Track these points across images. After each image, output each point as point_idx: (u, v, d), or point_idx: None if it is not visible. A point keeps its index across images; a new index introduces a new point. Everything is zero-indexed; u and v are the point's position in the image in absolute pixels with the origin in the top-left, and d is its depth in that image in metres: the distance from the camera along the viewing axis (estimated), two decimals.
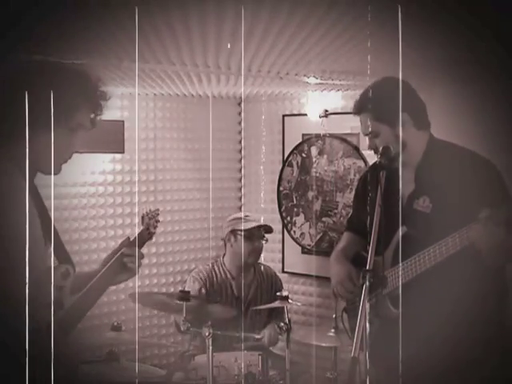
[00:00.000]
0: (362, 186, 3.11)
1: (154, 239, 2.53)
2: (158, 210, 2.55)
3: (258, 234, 4.25)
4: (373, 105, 2.75)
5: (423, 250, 2.60)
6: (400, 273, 2.69)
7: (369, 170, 3.21)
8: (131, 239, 2.48)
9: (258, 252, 4.28)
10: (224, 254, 4.35)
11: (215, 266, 4.32)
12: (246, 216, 4.31)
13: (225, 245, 4.33)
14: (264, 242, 4.28)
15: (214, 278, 4.26)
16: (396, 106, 2.72)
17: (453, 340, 2.57)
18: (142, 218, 2.51)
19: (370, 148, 2.81)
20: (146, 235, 2.50)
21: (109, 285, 2.41)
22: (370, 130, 2.78)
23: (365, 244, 2.74)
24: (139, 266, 2.43)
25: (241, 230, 4.20)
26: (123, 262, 2.40)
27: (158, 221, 2.53)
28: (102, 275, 2.37)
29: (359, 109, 2.82)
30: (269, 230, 4.32)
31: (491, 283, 2.61)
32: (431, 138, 2.79)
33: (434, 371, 2.62)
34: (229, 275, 4.28)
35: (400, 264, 2.70)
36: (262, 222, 4.35)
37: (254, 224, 4.24)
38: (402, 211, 2.76)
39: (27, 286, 1.96)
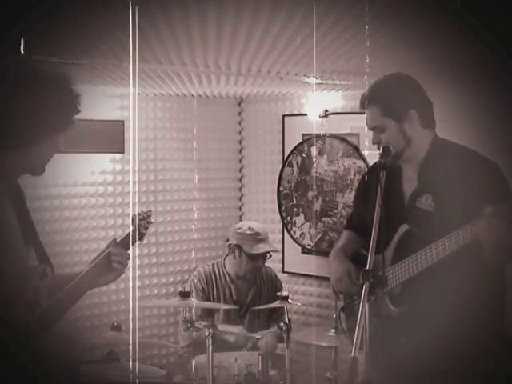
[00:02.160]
0: (362, 186, 3.10)
1: (145, 240, 2.41)
2: (150, 211, 2.47)
3: (263, 255, 4.25)
4: (382, 98, 2.73)
5: (425, 248, 2.59)
6: (400, 271, 2.69)
7: (369, 170, 3.21)
8: (117, 240, 2.39)
9: (258, 270, 4.29)
10: (226, 256, 4.34)
11: (215, 268, 4.31)
12: (256, 234, 4.22)
13: (228, 245, 4.30)
14: (268, 257, 4.30)
15: (214, 281, 4.25)
16: (405, 101, 2.71)
17: (453, 338, 2.57)
18: (133, 218, 2.43)
19: (374, 142, 2.78)
20: (135, 236, 2.40)
21: (93, 285, 2.31)
22: (375, 124, 2.75)
23: (364, 242, 2.74)
24: (126, 266, 2.33)
25: (248, 251, 4.19)
26: (110, 262, 2.30)
27: (149, 222, 2.44)
28: (85, 274, 2.28)
29: (368, 101, 2.76)
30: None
31: (493, 281, 2.61)
32: (435, 137, 2.78)
33: (434, 369, 2.62)
34: (228, 278, 4.27)
35: (400, 262, 2.70)
36: (271, 248, 4.30)
37: (262, 250, 4.20)
38: (405, 209, 2.76)
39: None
